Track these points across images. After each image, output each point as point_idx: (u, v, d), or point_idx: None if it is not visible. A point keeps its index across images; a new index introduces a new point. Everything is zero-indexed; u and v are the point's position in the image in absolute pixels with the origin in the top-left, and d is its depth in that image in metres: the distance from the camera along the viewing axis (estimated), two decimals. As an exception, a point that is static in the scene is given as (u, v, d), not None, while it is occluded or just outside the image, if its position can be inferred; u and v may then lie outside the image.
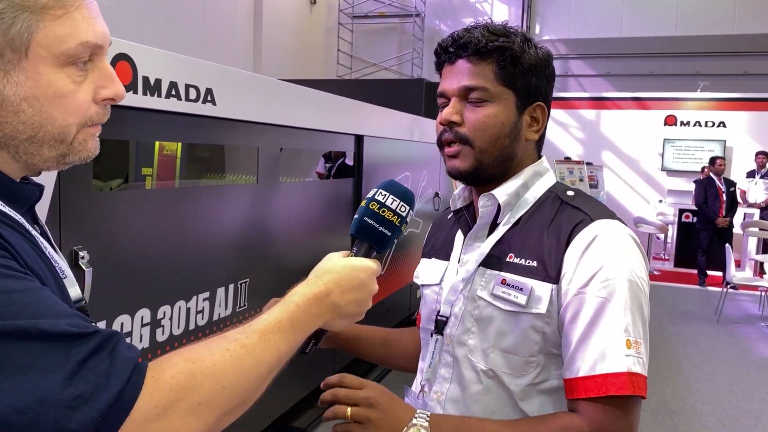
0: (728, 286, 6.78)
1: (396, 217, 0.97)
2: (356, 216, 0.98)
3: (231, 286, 2.62)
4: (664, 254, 10.39)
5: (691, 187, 10.27)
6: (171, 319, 2.25)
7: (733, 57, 11.14)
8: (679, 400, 4.40)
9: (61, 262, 0.78)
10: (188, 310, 2.35)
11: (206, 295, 2.45)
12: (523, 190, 1.15)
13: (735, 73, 11.14)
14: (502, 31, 1.11)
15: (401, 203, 0.97)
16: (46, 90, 0.70)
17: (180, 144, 3.14)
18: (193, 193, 2.52)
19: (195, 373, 0.67)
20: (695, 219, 8.96)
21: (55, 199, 1.75)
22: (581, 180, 8.55)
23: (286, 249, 3.05)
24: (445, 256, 1.25)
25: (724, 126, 10.53)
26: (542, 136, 1.19)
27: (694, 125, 10.66)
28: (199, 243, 2.42)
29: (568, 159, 9.61)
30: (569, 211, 1.11)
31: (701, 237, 8.33)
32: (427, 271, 1.29)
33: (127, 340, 2.11)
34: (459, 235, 1.23)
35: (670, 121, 10.74)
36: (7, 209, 0.71)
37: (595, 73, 12.20)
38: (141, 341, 2.11)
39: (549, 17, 12.50)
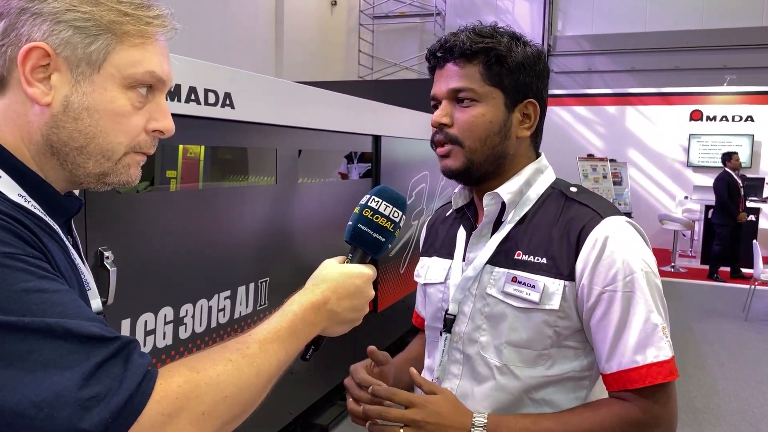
0: (756, 283, 6.67)
1: (389, 223, 0.98)
2: (350, 223, 0.99)
3: (251, 285, 2.67)
4: (690, 251, 10.22)
5: (718, 183, 10.10)
6: (193, 317, 2.31)
7: (761, 49, 10.89)
8: (704, 397, 4.35)
9: (87, 275, 0.83)
10: (210, 308, 2.41)
11: (227, 293, 2.51)
12: (525, 188, 1.17)
13: (763, 65, 10.90)
14: (488, 33, 1.14)
15: (394, 209, 0.99)
16: (107, 105, 0.77)
17: (203, 147, 3.21)
18: (213, 194, 2.58)
19: (199, 383, 0.69)
20: (710, 214, 8.89)
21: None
22: (604, 177, 8.47)
23: (305, 248, 3.10)
24: (448, 254, 1.26)
25: (752, 120, 10.31)
26: (538, 133, 1.21)
27: (721, 120, 10.46)
28: (220, 243, 2.48)
29: (591, 156, 9.52)
30: (576, 207, 1.13)
31: (720, 231, 8.36)
32: (429, 269, 1.31)
33: (151, 337, 2.18)
34: (461, 233, 1.25)
35: (695, 116, 10.56)
36: (47, 218, 0.76)
37: (619, 69, 12.05)
38: (164, 339, 2.17)
39: (571, 13, 12.38)
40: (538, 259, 1.10)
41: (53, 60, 0.74)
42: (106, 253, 1.88)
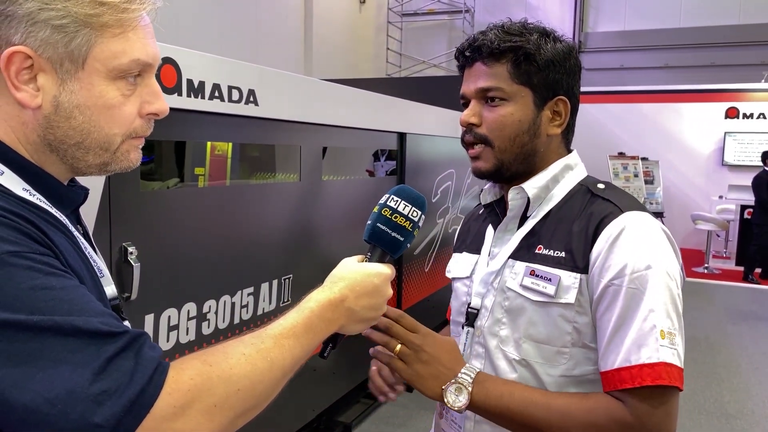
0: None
1: (408, 222, 0.98)
2: (369, 222, 0.99)
3: (275, 282, 2.68)
4: (725, 252, 9.96)
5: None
6: (216, 313, 2.33)
7: (801, 45, 10.61)
8: (737, 402, 4.23)
9: (99, 262, 0.83)
10: (233, 304, 2.42)
11: (251, 290, 2.53)
12: (552, 184, 1.16)
13: (803, 61, 10.59)
14: (517, 31, 1.12)
15: (413, 208, 0.99)
16: (97, 100, 0.76)
17: (230, 144, 3.24)
18: (236, 191, 2.60)
19: (212, 375, 0.70)
20: (746, 214, 8.74)
21: (105, 197, 1.84)
22: (635, 176, 8.32)
23: (329, 245, 3.11)
24: (476, 249, 1.27)
25: (791, 118, 10.02)
26: (570, 130, 1.20)
27: (758, 117, 10.16)
28: (243, 239, 2.49)
29: (621, 154, 9.36)
30: (599, 202, 1.11)
31: (758, 231, 8.18)
32: (458, 264, 1.32)
33: (174, 332, 2.19)
34: (489, 229, 1.25)
35: (731, 113, 10.27)
36: (53, 210, 0.76)
37: (653, 66, 11.80)
38: (187, 334, 2.19)
39: (603, 9, 12.18)
40: (557, 253, 1.09)
41: (36, 61, 0.73)
42: (130, 249, 1.90)
